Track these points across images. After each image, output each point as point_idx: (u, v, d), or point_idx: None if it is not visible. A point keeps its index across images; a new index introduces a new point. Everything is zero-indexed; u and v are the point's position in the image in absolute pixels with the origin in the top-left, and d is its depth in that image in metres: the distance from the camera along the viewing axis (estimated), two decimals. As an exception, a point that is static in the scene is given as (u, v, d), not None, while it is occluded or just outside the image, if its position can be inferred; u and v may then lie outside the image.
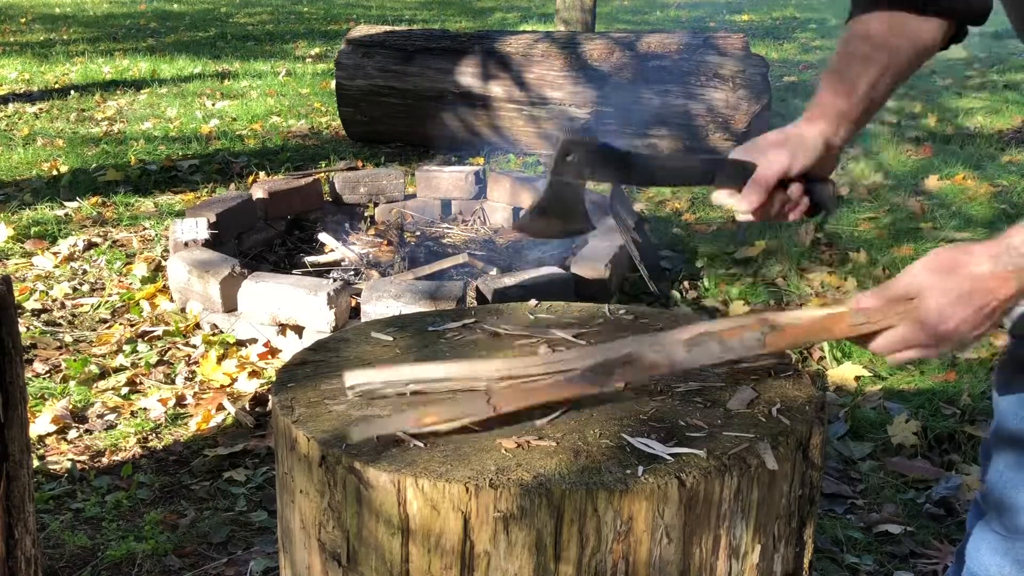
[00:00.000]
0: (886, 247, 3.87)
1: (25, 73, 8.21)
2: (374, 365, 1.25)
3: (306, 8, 14.26)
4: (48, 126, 6.29)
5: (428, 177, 4.31)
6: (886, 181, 4.78)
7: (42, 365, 3.02)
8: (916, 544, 2.20)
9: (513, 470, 1.03)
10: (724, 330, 1.16)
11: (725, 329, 1.16)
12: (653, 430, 1.12)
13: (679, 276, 3.63)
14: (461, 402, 1.13)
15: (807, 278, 3.66)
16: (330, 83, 7.31)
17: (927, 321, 1.10)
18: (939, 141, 5.53)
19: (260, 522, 2.30)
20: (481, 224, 4.24)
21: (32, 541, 1.59)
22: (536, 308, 1.50)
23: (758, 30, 11.20)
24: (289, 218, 4.09)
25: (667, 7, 14.07)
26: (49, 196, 4.67)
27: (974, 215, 4.29)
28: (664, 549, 1.04)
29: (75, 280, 3.69)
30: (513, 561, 1.02)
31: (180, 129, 6.16)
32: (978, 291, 1.08)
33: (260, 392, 2.86)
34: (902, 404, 2.74)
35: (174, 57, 9.05)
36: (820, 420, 1.17)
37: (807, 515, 1.17)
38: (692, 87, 4.93)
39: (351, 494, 1.06)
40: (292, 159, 5.37)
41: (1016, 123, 6.03)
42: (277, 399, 1.20)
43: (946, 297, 1.09)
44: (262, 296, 3.12)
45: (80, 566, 2.13)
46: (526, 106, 5.23)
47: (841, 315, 1.15)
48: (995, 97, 6.82)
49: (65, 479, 2.46)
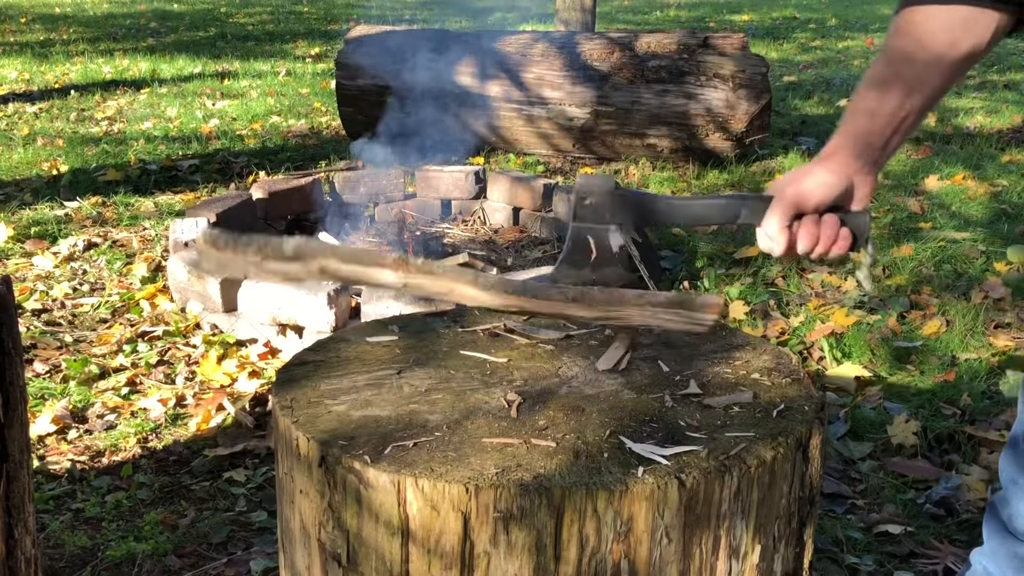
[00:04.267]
0: (886, 247, 3.87)
1: (25, 73, 8.21)
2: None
3: (306, 8, 14.26)
4: (48, 126, 6.29)
5: (428, 177, 4.31)
6: (886, 181, 4.78)
7: (42, 365, 3.02)
8: (916, 544, 2.20)
9: (513, 470, 1.03)
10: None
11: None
12: (653, 431, 1.12)
13: (679, 276, 3.63)
14: (366, 258, 1.11)
15: (807, 278, 3.66)
16: (330, 83, 7.31)
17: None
18: (939, 141, 5.53)
19: (260, 522, 2.30)
20: (481, 224, 4.24)
21: (32, 541, 1.59)
22: (536, 308, 1.50)
23: (758, 30, 11.20)
24: (289, 218, 4.08)
25: (667, 7, 14.08)
26: (49, 196, 4.67)
27: (973, 215, 4.29)
28: (664, 549, 1.04)
29: (75, 280, 3.69)
30: (513, 561, 1.02)
31: (180, 129, 6.15)
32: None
33: (260, 392, 2.86)
34: (902, 404, 2.74)
35: (174, 57, 9.05)
36: (820, 420, 1.17)
37: (807, 515, 1.17)
38: (691, 87, 4.93)
39: (351, 494, 1.06)
40: (292, 159, 5.36)
41: (1015, 123, 6.03)
42: (277, 399, 1.20)
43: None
44: (262, 296, 3.12)
45: (80, 566, 2.13)
46: (525, 106, 5.23)
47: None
48: (994, 97, 6.82)
49: (65, 479, 2.46)
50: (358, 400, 1.20)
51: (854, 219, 1.27)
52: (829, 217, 1.26)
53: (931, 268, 3.67)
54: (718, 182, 4.79)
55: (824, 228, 1.26)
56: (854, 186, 1.26)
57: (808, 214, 1.26)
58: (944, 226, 4.13)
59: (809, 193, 1.25)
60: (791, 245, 1.26)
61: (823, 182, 1.24)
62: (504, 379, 1.26)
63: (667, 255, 3.86)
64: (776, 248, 1.26)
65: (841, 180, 1.25)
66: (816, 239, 1.26)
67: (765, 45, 9.73)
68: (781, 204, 1.25)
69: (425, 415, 1.16)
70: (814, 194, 1.24)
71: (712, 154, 5.02)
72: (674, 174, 4.94)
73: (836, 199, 1.26)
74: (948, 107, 6.47)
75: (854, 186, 1.26)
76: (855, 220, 1.27)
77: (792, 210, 1.25)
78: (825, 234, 1.26)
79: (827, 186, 1.24)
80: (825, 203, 1.25)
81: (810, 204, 1.25)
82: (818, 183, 1.24)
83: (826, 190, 1.25)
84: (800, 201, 1.25)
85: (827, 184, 1.24)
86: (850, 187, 1.26)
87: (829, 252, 1.27)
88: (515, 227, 4.18)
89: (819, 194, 1.25)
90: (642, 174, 4.98)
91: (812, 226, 1.26)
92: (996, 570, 1.57)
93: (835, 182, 1.25)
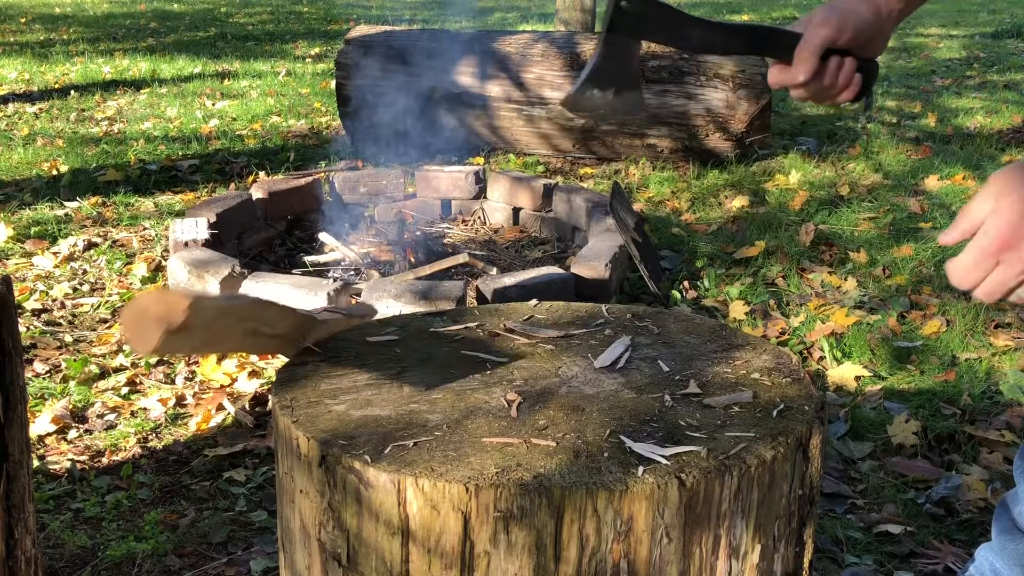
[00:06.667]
0: (886, 247, 3.87)
1: (25, 73, 8.21)
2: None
3: (306, 8, 14.26)
4: (48, 126, 6.29)
5: (428, 177, 4.31)
6: (886, 181, 4.78)
7: (42, 365, 3.02)
8: (916, 544, 2.20)
9: (513, 470, 1.03)
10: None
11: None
12: (653, 431, 1.12)
13: (679, 276, 3.63)
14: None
15: (807, 278, 3.66)
16: (330, 83, 7.31)
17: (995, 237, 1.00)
18: (938, 141, 5.53)
19: (260, 522, 2.30)
20: (481, 224, 4.24)
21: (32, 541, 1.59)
22: (536, 308, 1.51)
23: (758, 30, 11.18)
24: (289, 218, 4.08)
25: (667, 7, 14.04)
26: (49, 196, 4.67)
27: (974, 215, 4.29)
28: (664, 549, 1.04)
29: (75, 280, 3.69)
30: (513, 561, 1.02)
31: (180, 129, 6.15)
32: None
33: (260, 392, 2.86)
34: (902, 404, 2.74)
35: (174, 57, 9.05)
36: (820, 420, 1.17)
37: (807, 515, 1.18)
38: (691, 87, 4.93)
39: (351, 494, 1.06)
40: (292, 159, 5.37)
41: (1015, 123, 6.02)
42: (277, 399, 1.20)
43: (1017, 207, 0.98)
44: (262, 296, 3.12)
45: (80, 566, 2.13)
46: (525, 106, 5.23)
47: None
48: (994, 97, 6.81)
49: (65, 479, 2.46)
50: (358, 400, 1.20)
51: (867, 66, 1.28)
52: (849, 59, 1.26)
53: (931, 268, 3.67)
54: (718, 182, 4.79)
55: (844, 68, 1.26)
56: (878, 32, 1.27)
57: (839, 47, 1.25)
58: (944, 226, 4.13)
59: (848, 23, 1.25)
60: (815, 74, 1.25)
61: (862, 16, 1.25)
62: (504, 379, 1.26)
63: (667, 255, 3.86)
64: (800, 75, 1.25)
65: (875, 18, 1.26)
66: (837, 76, 1.26)
67: (765, 45, 9.71)
68: (819, 32, 1.24)
69: (425, 415, 1.16)
70: (853, 25, 1.25)
71: (712, 154, 5.02)
72: (674, 174, 4.94)
73: (864, 38, 1.26)
74: (948, 107, 6.47)
75: (878, 32, 1.27)
76: (868, 67, 1.28)
77: (830, 39, 1.24)
78: (844, 74, 1.26)
79: (864, 20, 1.25)
80: (859, 38, 1.25)
81: (846, 35, 1.25)
82: (858, 16, 1.25)
83: (865, 25, 1.25)
84: (839, 29, 1.24)
85: (864, 18, 1.25)
86: (879, 30, 1.27)
87: (841, 94, 1.27)
88: (515, 227, 4.18)
89: (858, 26, 1.25)
90: (642, 174, 4.98)
91: (838, 60, 1.26)
92: (1003, 566, 1.57)
93: (870, 19, 1.25)
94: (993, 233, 0.99)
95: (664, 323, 1.46)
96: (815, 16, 1.26)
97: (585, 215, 3.83)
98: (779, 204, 4.48)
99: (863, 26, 1.25)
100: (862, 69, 1.27)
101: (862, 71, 1.27)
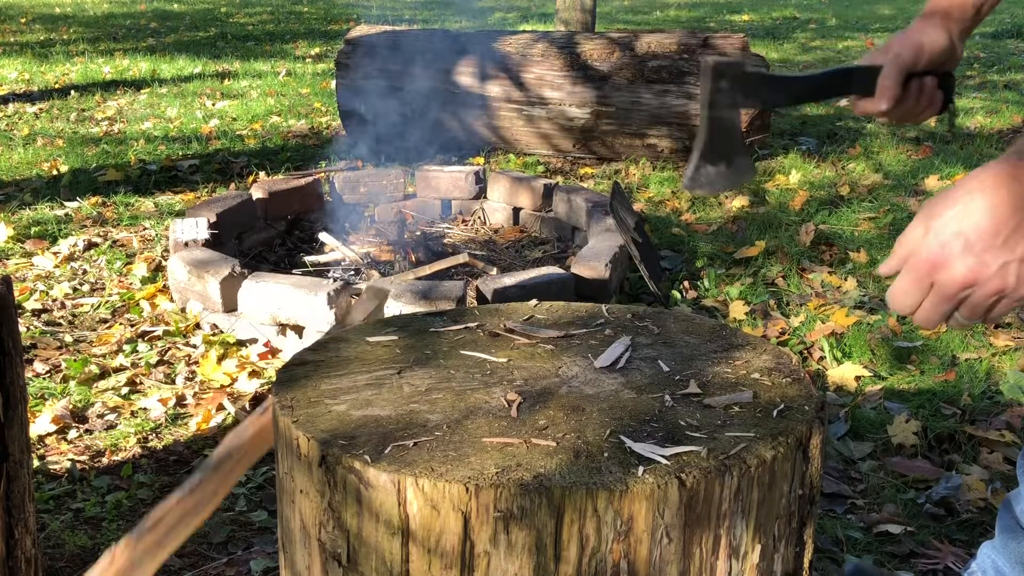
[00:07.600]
0: (886, 247, 3.87)
1: (25, 73, 8.21)
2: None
3: (306, 8, 14.26)
4: (48, 126, 6.29)
5: (428, 177, 4.31)
6: (886, 181, 4.78)
7: (42, 365, 3.02)
8: (916, 544, 2.20)
9: (513, 470, 1.03)
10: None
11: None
12: (653, 431, 1.12)
13: (679, 276, 3.63)
14: None
15: (807, 278, 3.66)
16: (330, 83, 7.31)
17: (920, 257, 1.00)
18: (939, 141, 5.53)
19: (260, 522, 2.30)
20: (481, 224, 4.24)
21: (32, 541, 1.59)
22: (536, 308, 1.51)
23: (758, 30, 11.20)
24: (289, 218, 4.09)
25: (667, 7, 14.08)
26: (49, 196, 4.67)
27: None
28: (664, 549, 1.04)
29: (75, 280, 3.69)
30: (513, 561, 1.02)
31: (180, 129, 6.15)
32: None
33: (260, 392, 2.86)
34: (902, 404, 2.74)
35: (174, 57, 9.05)
36: (820, 420, 1.17)
37: (807, 515, 1.17)
38: (692, 87, 4.93)
39: (351, 494, 1.06)
40: (292, 159, 5.36)
41: (1015, 123, 6.03)
42: (277, 399, 1.20)
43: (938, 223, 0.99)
44: (262, 296, 3.12)
45: (80, 566, 2.13)
46: (525, 106, 5.23)
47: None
48: (994, 97, 6.81)
49: (65, 479, 2.46)
50: (358, 400, 1.20)
51: (946, 82, 1.33)
52: (929, 79, 1.31)
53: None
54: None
55: (925, 89, 1.32)
56: (951, 51, 1.32)
57: (918, 71, 1.30)
58: (944, 226, 4.13)
59: (924, 48, 1.29)
60: (898, 100, 1.29)
61: (936, 39, 1.30)
62: (504, 379, 1.26)
63: (667, 255, 3.86)
64: (884, 104, 1.29)
65: (947, 39, 1.30)
66: (920, 98, 1.31)
67: (765, 45, 9.73)
68: (898, 60, 1.29)
69: (425, 415, 1.16)
70: (929, 49, 1.29)
71: (712, 154, 5.02)
72: (674, 174, 4.94)
73: (939, 60, 1.31)
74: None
75: (951, 51, 1.32)
76: (947, 83, 1.34)
77: (909, 65, 1.29)
78: (926, 95, 1.32)
79: (939, 44, 1.30)
80: (936, 60, 1.30)
81: (923, 59, 1.30)
82: (932, 40, 1.29)
83: (939, 47, 1.30)
84: (916, 55, 1.29)
85: (939, 42, 1.30)
86: (952, 49, 1.31)
87: (925, 111, 1.33)
88: (515, 227, 4.18)
89: (933, 50, 1.30)
90: (642, 174, 4.98)
91: (918, 82, 1.31)
92: (1005, 564, 1.57)
93: (945, 41, 1.30)
94: (924, 255, 0.99)
95: (664, 323, 1.46)
96: (892, 46, 1.31)
97: (585, 215, 3.83)
98: (779, 204, 4.48)
99: (937, 49, 1.30)
100: (941, 84, 1.33)
101: (941, 87, 1.33)
